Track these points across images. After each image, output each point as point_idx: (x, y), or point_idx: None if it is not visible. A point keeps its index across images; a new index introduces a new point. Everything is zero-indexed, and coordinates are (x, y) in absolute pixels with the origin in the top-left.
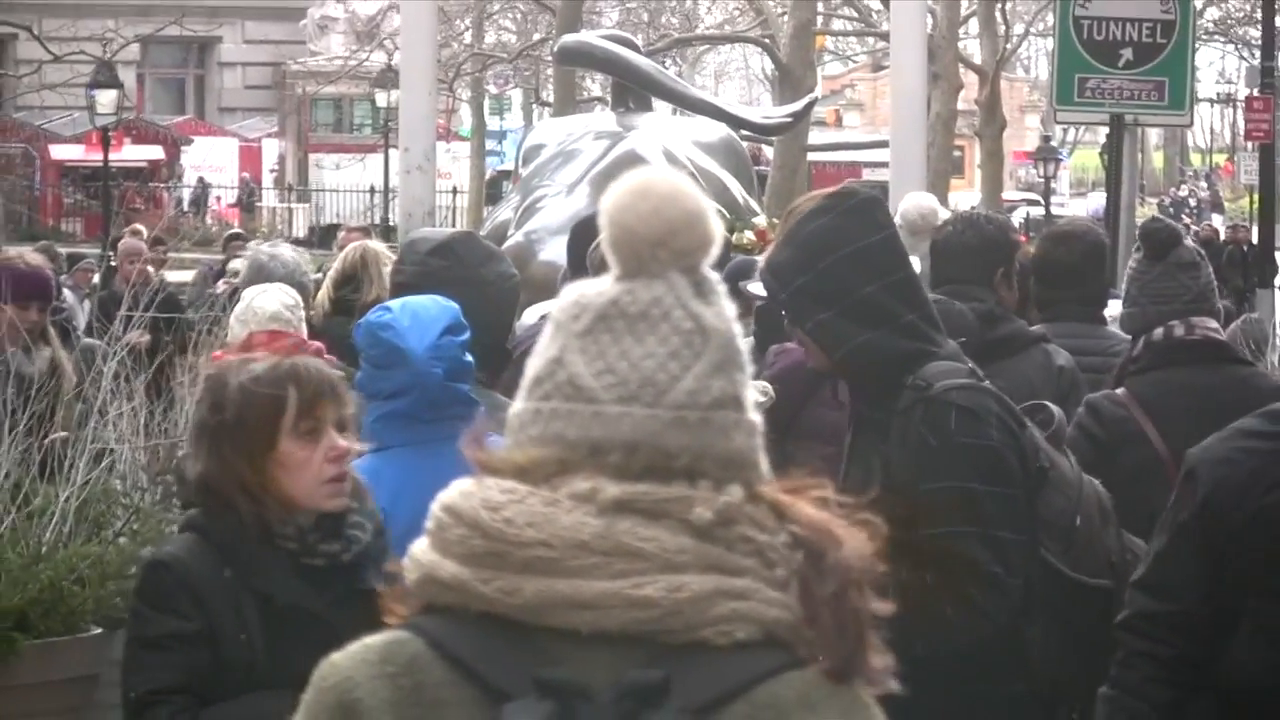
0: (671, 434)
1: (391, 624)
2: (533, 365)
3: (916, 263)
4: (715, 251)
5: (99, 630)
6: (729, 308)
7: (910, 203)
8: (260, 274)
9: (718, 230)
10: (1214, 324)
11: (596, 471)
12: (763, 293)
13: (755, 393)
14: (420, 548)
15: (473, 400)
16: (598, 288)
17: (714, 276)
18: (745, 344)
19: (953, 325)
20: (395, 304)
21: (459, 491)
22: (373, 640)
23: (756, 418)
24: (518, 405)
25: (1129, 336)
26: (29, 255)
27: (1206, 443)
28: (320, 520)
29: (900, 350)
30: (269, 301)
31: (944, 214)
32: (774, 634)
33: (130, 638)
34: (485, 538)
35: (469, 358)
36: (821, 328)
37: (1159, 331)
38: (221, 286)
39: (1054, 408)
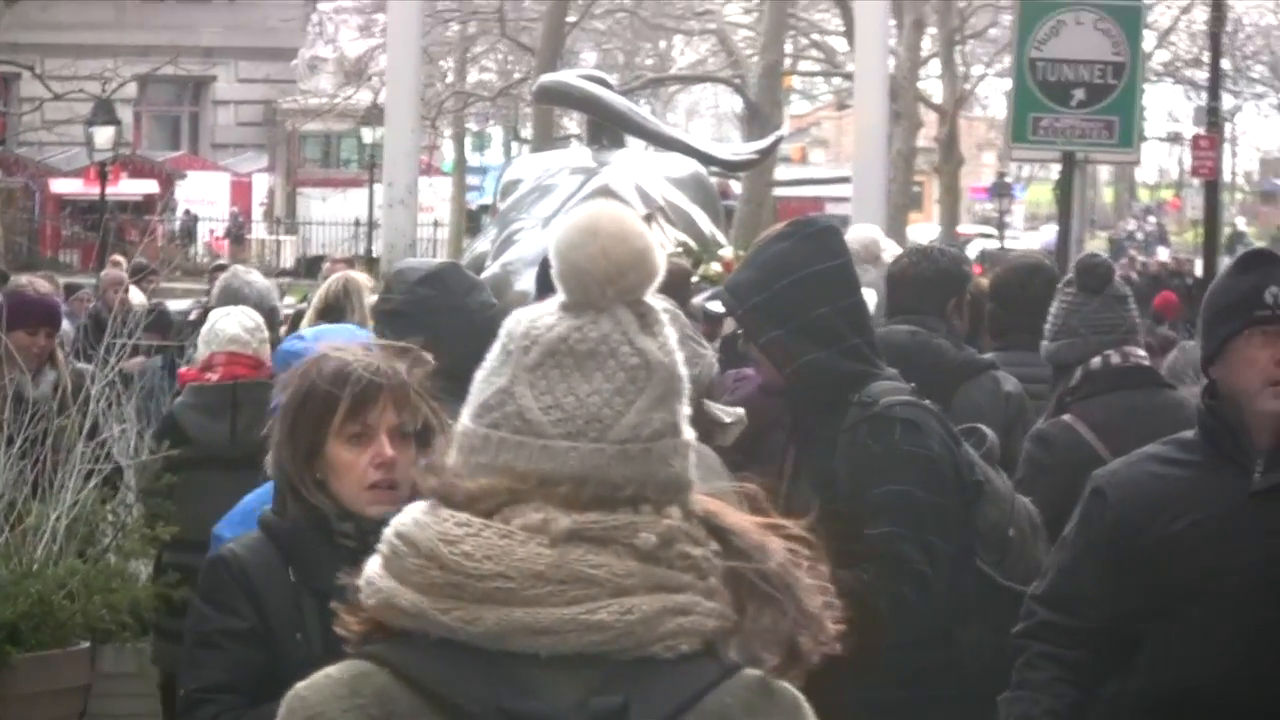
0: (616, 467)
1: (347, 643)
2: (481, 389)
3: (870, 294)
4: (659, 281)
5: (87, 644)
6: (672, 336)
7: (854, 234)
8: (232, 297)
9: (661, 263)
10: (1143, 352)
11: (546, 501)
12: (722, 310)
13: (729, 418)
14: (377, 572)
15: None
16: (547, 320)
17: (658, 306)
18: (685, 371)
19: (932, 358)
20: (309, 332)
21: (413, 521)
22: (336, 672)
23: (691, 435)
24: (466, 424)
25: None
26: (38, 283)
27: (1114, 466)
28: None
29: (845, 370)
30: (230, 324)
31: (885, 244)
32: (713, 642)
33: (187, 634)
34: (444, 570)
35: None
36: (774, 344)
37: (1096, 360)
38: (193, 311)
39: (988, 430)
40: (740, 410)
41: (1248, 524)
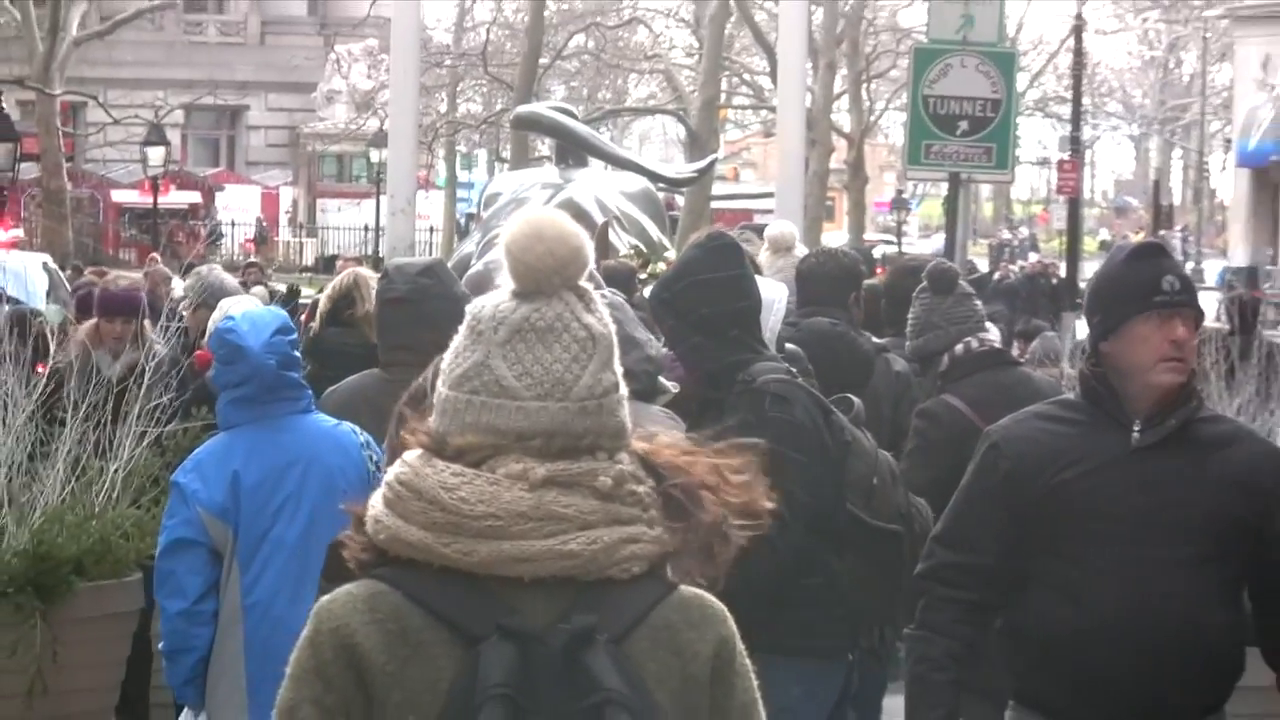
0: (578, 420)
1: (352, 562)
2: (456, 363)
3: (782, 287)
4: (590, 268)
5: (139, 575)
6: (606, 312)
7: (772, 228)
8: (225, 289)
9: (591, 253)
10: (993, 336)
11: (523, 454)
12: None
13: (670, 389)
14: (382, 511)
15: (300, 384)
16: (507, 305)
17: (591, 288)
18: (617, 340)
19: (848, 344)
20: (237, 312)
21: (412, 470)
22: (357, 589)
23: (625, 390)
24: (445, 392)
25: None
26: (123, 278)
27: (1004, 422)
28: None
29: (720, 355)
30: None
31: (799, 238)
32: (655, 564)
33: None
34: (444, 511)
35: (296, 353)
36: (670, 330)
37: (959, 347)
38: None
39: (856, 400)
40: (674, 384)
41: (1130, 475)
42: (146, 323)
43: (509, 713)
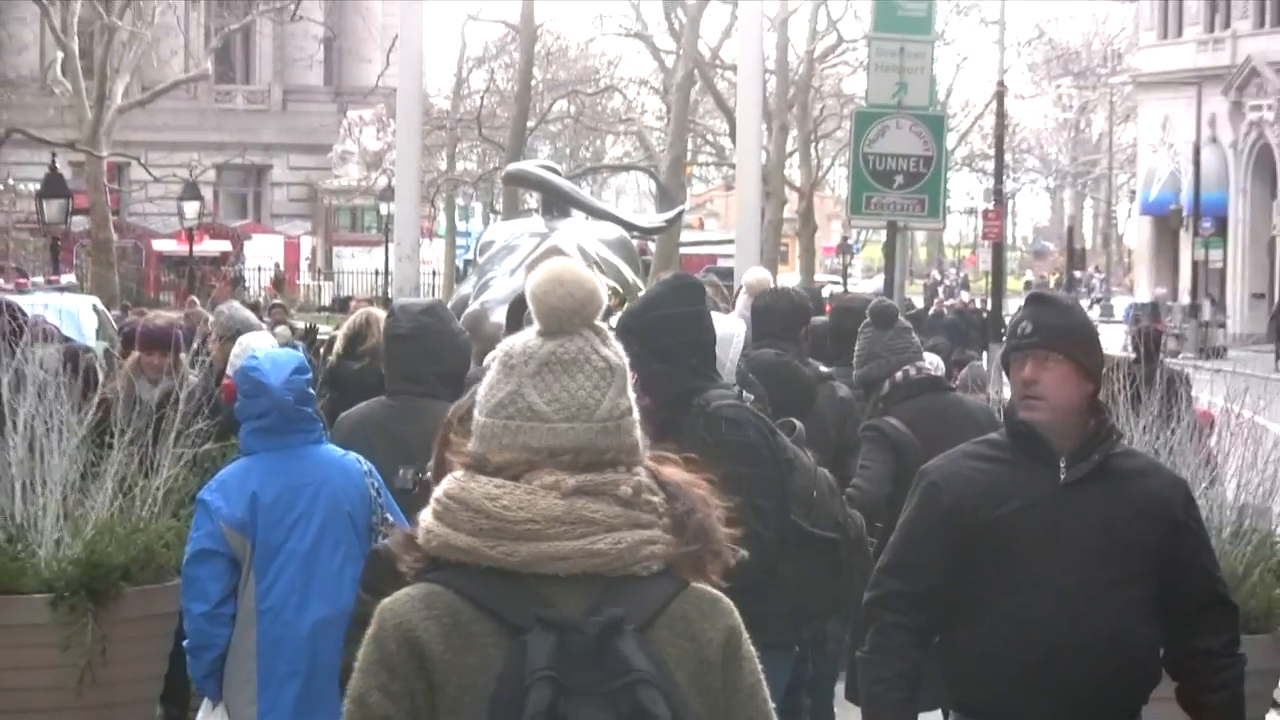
0: (601, 439)
1: (408, 572)
2: (491, 394)
3: (740, 322)
4: (604, 309)
5: (179, 580)
6: (620, 347)
7: (750, 274)
8: (245, 324)
9: (605, 297)
10: (928, 365)
11: (555, 468)
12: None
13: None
14: (432, 523)
15: (314, 418)
16: (535, 343)
17: (606, 326)
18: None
19: (791, 373)
20: (261, 353)
21: (459, 486)
22: (414, 591)
23: (637, 413)
24: (483, 420)
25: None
26: (161, 316)
27: (939, 462)
28: None
29: (679, 380)
30: (260, 343)
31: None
32: (669, 563)
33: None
34: (489, 518)
35: (311, 390)
36: (634, 357)
37: (899, 375)
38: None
39: (797, 423)
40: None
41: (1060, 507)
42: (182, 355)
43: (554, 692)
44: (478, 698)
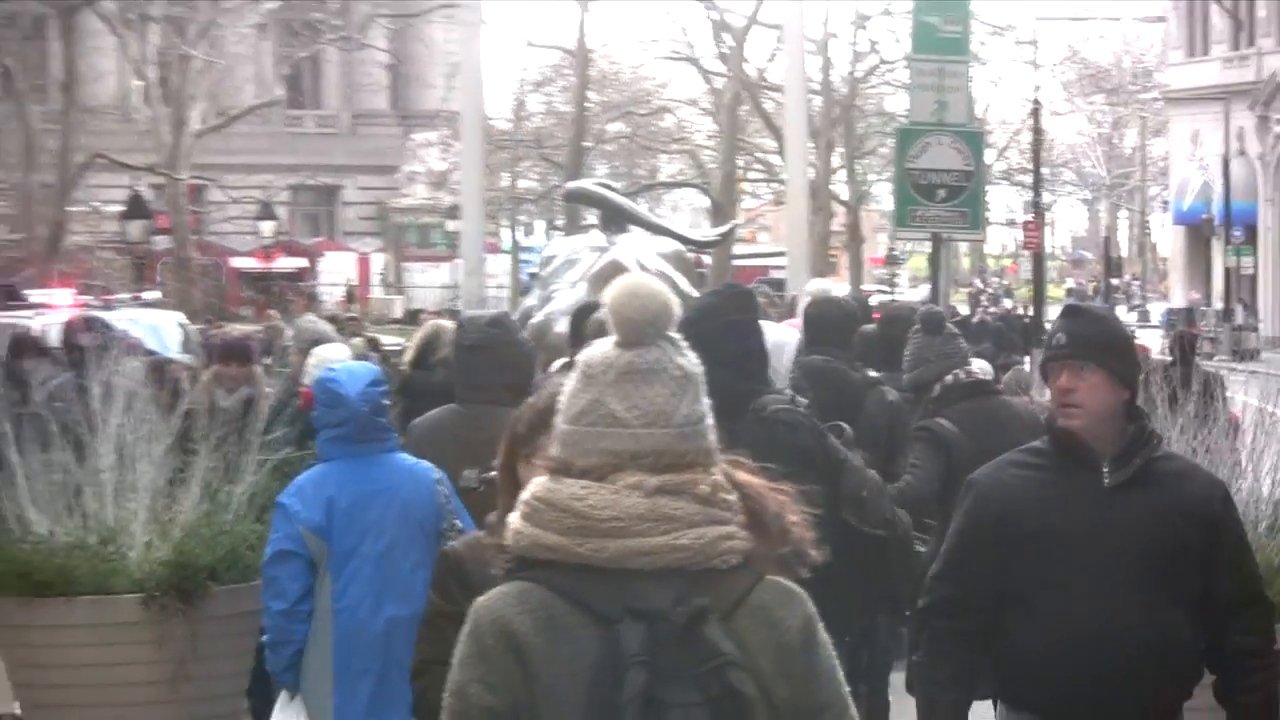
0: (678, 443)
1: (500, 572)
2: (573, 403)
3: (794, 332)
4: (677, 321)
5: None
6: (694, 356)
7: (813, 285)
8: (321, 337)
9: (678, 310)
10: (977, 370)
11: (637, 469)
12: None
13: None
14: (521, 525)
15: (388, 428)
16: (613, 353)
17: (680, 336)
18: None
19: (840, 377)
20: (339, 365)
21: (545, 489)
22: (509, 588)
23: (711, 418)
24: (565, 427)
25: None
26: (235, 329)
27: (986, 470)
28: None
29: (735, 386)
30: (335, 354)
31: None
32: (746, 557)
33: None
34: (576, 517)
35: (385, 401)
36: None
37: (949, 378)
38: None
39: (846, 426)
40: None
41: (1104, 511)
42: (257, 365)
43: (649, 677)
44: (574, 684)
